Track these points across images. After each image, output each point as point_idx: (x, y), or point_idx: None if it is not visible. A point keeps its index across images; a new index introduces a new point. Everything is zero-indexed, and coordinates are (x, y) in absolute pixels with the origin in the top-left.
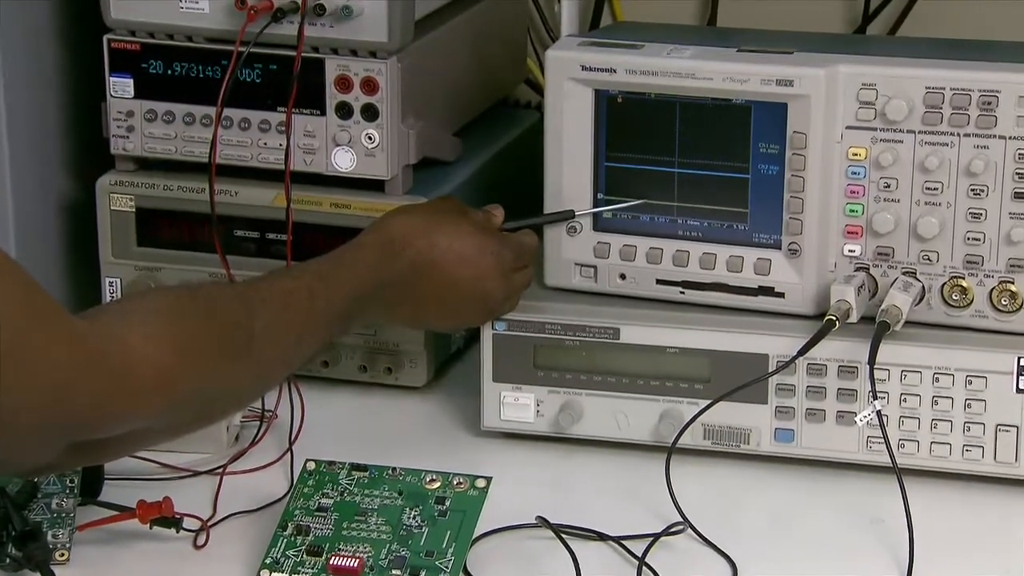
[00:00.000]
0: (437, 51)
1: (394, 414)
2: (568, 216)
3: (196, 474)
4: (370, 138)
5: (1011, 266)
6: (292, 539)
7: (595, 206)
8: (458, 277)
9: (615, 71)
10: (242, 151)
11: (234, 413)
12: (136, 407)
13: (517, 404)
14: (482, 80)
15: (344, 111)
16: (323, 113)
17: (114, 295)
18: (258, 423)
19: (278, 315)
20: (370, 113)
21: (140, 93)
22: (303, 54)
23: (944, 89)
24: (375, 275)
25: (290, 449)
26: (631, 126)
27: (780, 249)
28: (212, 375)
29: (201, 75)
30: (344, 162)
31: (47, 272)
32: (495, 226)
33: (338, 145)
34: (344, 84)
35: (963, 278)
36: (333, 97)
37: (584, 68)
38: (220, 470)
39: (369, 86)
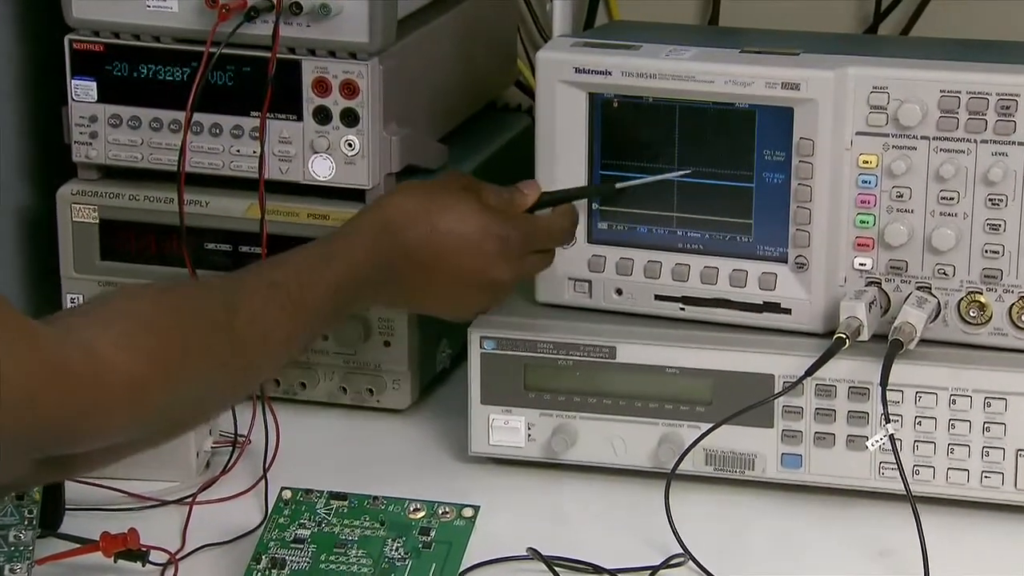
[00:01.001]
0: (421, 52)
1: (376, 438)
2: (608, 192)
3: (164, 503)
4: (350, 145)
5: None
6: (266, 573)
7: (590, 218)
8: (459, 264)
9: (610, 73)
10: (213, 159)
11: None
12: (107, 420)
13: (507, 428)
14: (469, 83)
15: (322, 116)
16: (300, 118)
17: None
18: (230, 449)
19: (263, 310)
20: (350, 118)
21: (104, 97)
22: (278, 55)
23: (960, 92)
24: (370, 261)
25: (264, 476)
26: (627, 132)
27: (786, 263)
28: (190, 381)
29: (169, 78)
30: (322, 170)
31: (3, 288)
32: (517, 206)
33: (316, 152)
34: (322, 87)
35: (981, 293)
36: (310, 101)
37: (577, 70)
38: (189, 499)
39: (349, 89)
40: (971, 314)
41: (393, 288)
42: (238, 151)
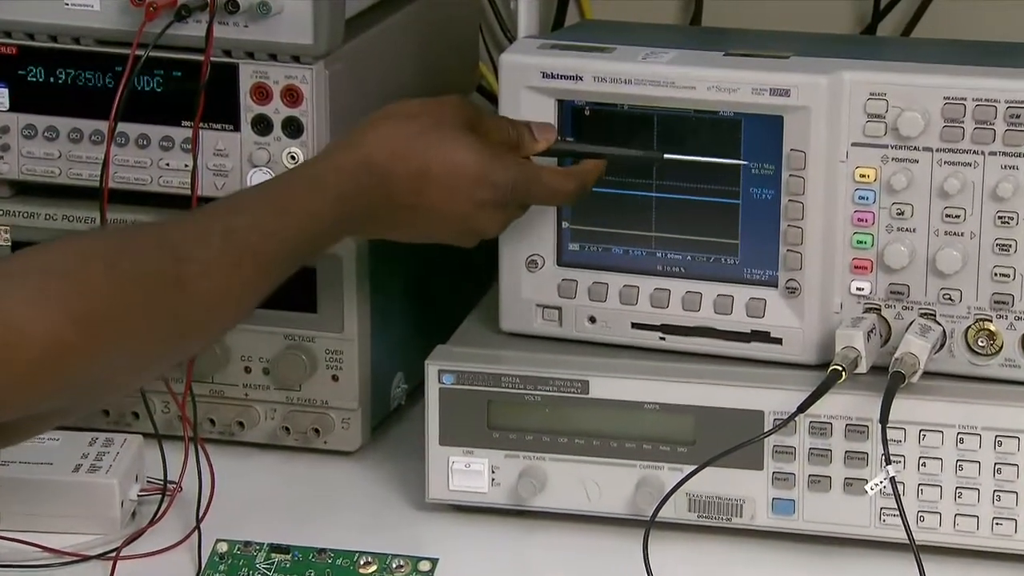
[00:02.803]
0: (372, 55)
1: (322, 484)
2: (651, 160)
3: (85, 559)
4: (293, 158)
5: None
6: None
7: (559, 238)
8: (445, 209)
9: (581, 78)
10: (140, 173)
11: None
12: (21, 388)
13: (468, 471)
14: (427, 88)
15: (262, 126)
16: (237, 128)
17: None
18: (159, 497)
19: (217, 258)
20: (293, 128)
21: (17, 105)
22: (213, 58)
23: (966, 100)
24: (344, 204)
25: (197, 527)
26: (600, 143)
27: (776, 287)
28: (123, 340)
29: (90, 84)
30: None
31: None
32: (524, 149)
33: (255, 166)
34: (262, 94)
35: (990, 321)
36: (249, 109)
37: (545, 75)
38: (113, 554)
39: (291, 96)
40: (980, 344)
41: (365, 229)
42: (168, 165)
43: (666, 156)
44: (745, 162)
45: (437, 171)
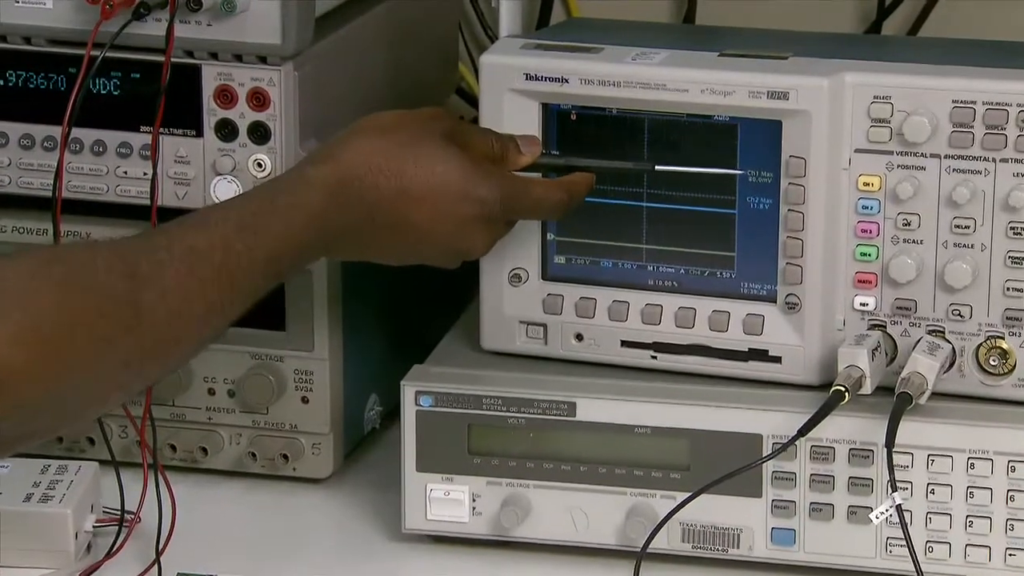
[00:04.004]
0: (345, 55)
1: (291, 513)
2: (640, 171)
3: None
4: (260, 165)
5: None
6: None
7: (544, 250)
8: (429, 229)
9: (567, 81)
10: (96, 182)
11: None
12: None
13: (448, 499)
14: (403, 91)
15: (226, 131)
16: (199, 134)
17: None
18: (116, 528)
19: (180, 281)
20: (260, 133)
21: None
22: (173, 59)
23: (976, 103)
24: (319, 223)
25: (157, 561)
26: (588, 149)
27: (775, 303)
28: (75, 367)
29: (43, 86)
30: (227, 195)
31: None
32: (509, 163)
33: (219, 174)
34: (226, 97)
35: (1003, 338)
36: (212, 113)
37: (529, 77)
38: None
39: (258, 99)
40: (991, 362)
41: (343, 248)
42: (125, 173)
43: (657, 167)
44: (741, 171)
45: (418, 188)
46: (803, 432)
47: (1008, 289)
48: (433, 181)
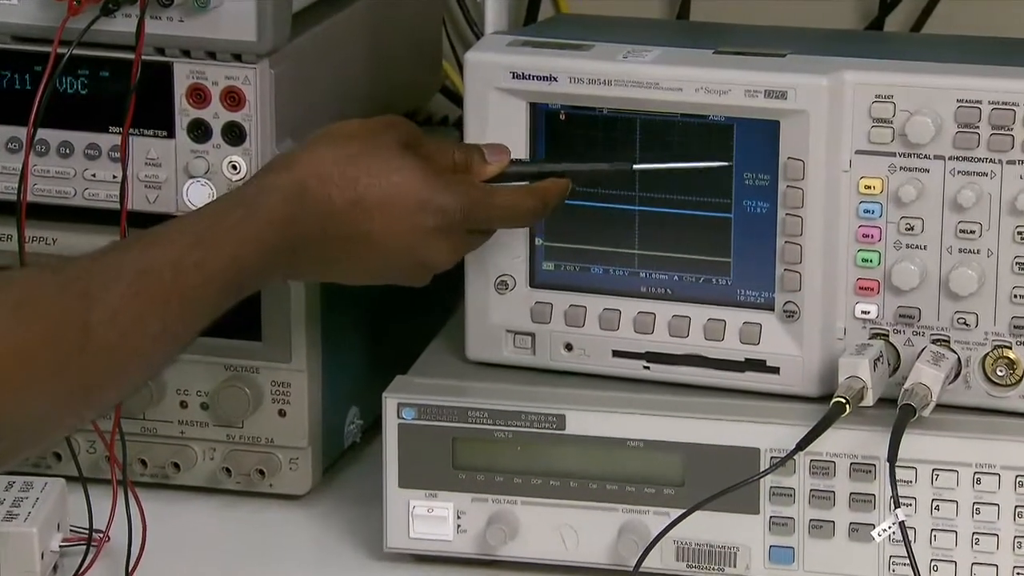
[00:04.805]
0: (323, 53)
1: (267, 532)
2: (618, 173)
3: None
4: (234, 167)
5: None
6: None
7: (532, 256)
8: (388, 244)
9: (556, 79)
10: (62, 185)
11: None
12: None
13: (431, 516)
14: (384, 90)
15: (199, 132)
16: (171, 135)
17: None
18: (83, 547)
19: (129, 302)
20: (234, 134)
21: None
22: (144, 57)
23: (981, 103)
24: (276, 235)
25: None
26: (577, 150)
27: (773, 310)
28: (23, 393)
29: (7, 85)
30: (200, 199)
31: None
32: (474, 173)
33: (192, 177)
34: (199, 96)
35: (1010, 348)
36: (184, 113)
37: (515, 75)
38: None
39: (232, 99)
40: (998, 373)
41: (300, 265)
42: (94, 176)
43: (635, 167)
44: (729, 163)
45: (372, 198)
46: (802, 446)
47: (1016, 296)
48: (388, 191)
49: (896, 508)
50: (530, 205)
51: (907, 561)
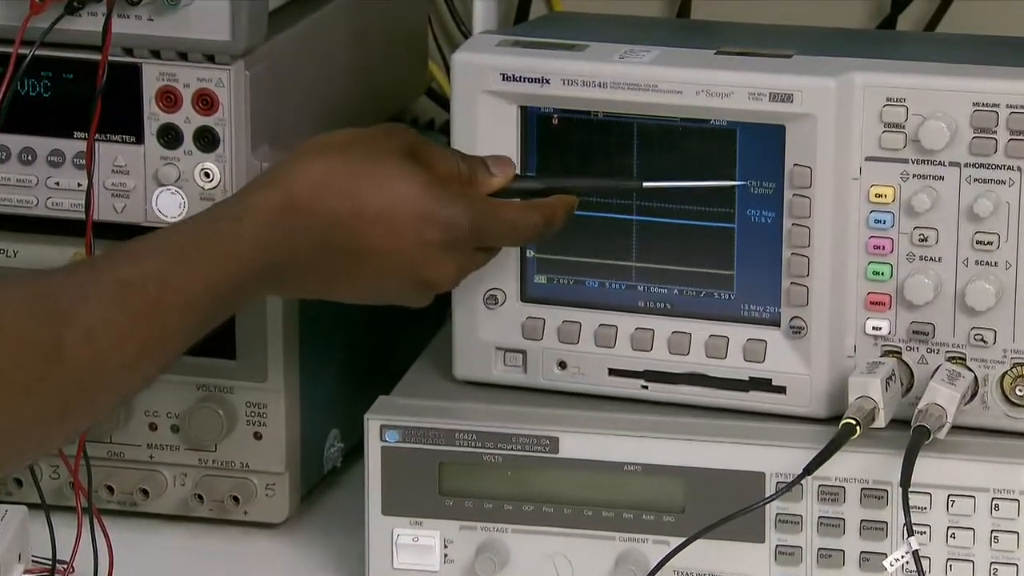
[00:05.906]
0: (302, 53)
1: (243, 563)
2: (628, 190)
3: None
4: (207, 175)
5: None
6: None
7: (523, 269)
8: (391, 260)
9: (548, 81)
10: (24, 194)
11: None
12: None
13: (416, 546)
14: (367, 92)
15: (169, 137)
16: (140, 140)
17: None
18: None
19: (105, 319)
20: (206, 140)
21: None
22: (111, 57)
23: (999, 106)
24: (264, 253)
25: None
26: (571, 156)
27: (778, 327)
28: None
29: None
30: (170, 208)
31: None
32: (479, 186)
33: (162, 185)
34: (169, 100)
35: None
36: (154, 118)
37: (506, 77)
38: None
39: (204, 102)
40: (1018, 393)
41: (293, 281)
42: (57, 184)
43: (645, 185)
44: (740, 183)
45: (375, 208)
46: (810, 470)
47: None
48: (392, 201)
49: (910, 536)
50: (536, 221)
51: None
